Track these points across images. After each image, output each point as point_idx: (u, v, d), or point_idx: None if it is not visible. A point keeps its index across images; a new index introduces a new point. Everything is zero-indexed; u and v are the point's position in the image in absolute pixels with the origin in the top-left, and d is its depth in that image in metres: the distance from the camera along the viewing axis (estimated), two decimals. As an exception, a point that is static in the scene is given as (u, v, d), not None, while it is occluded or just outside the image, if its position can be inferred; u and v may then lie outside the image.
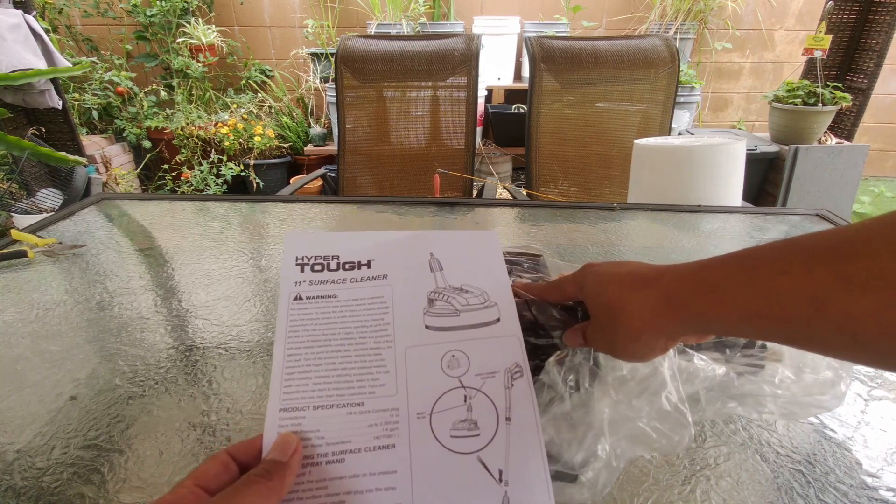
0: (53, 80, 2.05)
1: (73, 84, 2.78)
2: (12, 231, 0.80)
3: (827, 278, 0.22)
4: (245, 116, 2.92)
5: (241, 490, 0.26)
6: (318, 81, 2.97)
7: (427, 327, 0.35)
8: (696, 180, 1.01)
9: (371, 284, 0.37)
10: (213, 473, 0.27)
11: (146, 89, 2.89)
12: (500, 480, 0.29)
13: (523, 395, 0.32)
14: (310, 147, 2.98)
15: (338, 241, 0.39)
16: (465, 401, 0.32)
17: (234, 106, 2.98)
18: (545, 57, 1.51)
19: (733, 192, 1.03)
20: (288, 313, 0.35)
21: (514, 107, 2.91)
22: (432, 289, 0.37)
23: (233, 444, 0.29)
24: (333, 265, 0.38)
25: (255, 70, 3.10)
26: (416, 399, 0.32)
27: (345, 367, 0.33)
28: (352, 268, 0.38)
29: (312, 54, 2.94)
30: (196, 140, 2.83)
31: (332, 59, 1.64)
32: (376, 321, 0.35)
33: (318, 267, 0.38)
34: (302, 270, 0.37)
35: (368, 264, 0.38)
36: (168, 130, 2.82)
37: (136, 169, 2.94)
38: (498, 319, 0.35)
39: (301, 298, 0.36)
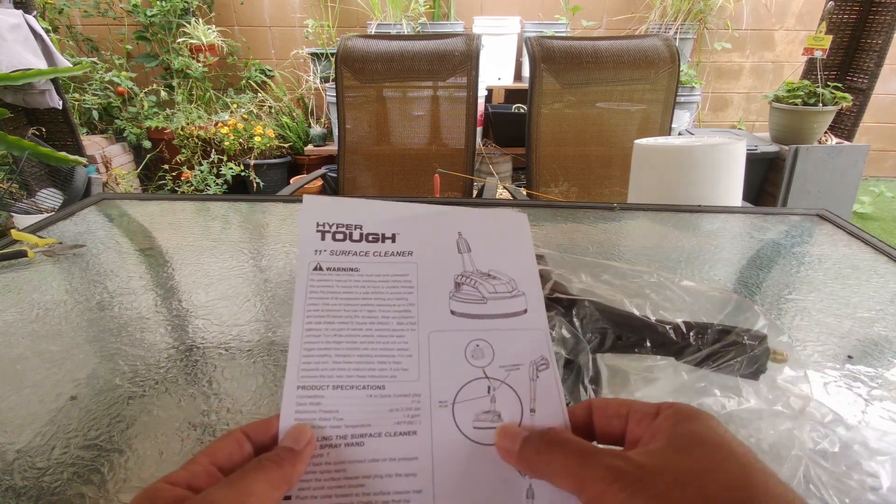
0: (53, 80, 2.05)
1: (73, 84, 2.79)
2: (12, 231, 0.80)
3: None
4: (245, 116, 2.92)
5: (252, 473, 0.25)
6: (318, 81, 2.97)
7: (453, 312, 0.33)
8: (696, 180, 1.01)
9: (396, 260, 0.35)
10: (227, 452, 0.26)
11: (146, 89, 2.89)
12: (524, 475, 0.28)
13: (549, 386, 0.31)
14: (310, 147, 2.98)
15: (362, 209, 0.36)
16: (489, 392, 0.31)
17: (235, 106, 2.98)
18: (545, 57, 1.51)
19: (733, 192, 1.03)
20: (307, 284, 0.33)
21: (514, 107, 2.91)
22: (459, 272, 0.35)
23: (248, 423, 0.29)
24: (356, 235, 0.35)
25: (256, 70, 3.10)
26: (438, 386, 0.31)
27: (366, 347, 0.31)
28: (375, 240, 0.35)
29: (312, 54, 2.94)
30: (196, 140, 2.83)
31: (332, 59, 1.64)
32: (400, 300, 0.33)
33: (339, 236, 0.35)
34: (323, 238, 0.35)
35: (393, 238, 0.36)
36: (168, 130, 2.82)
37: (137, 169, 2.94)
38: (525, 310, 0.34)
39: (321, 269, 0.34)
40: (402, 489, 0.28)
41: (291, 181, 2.89)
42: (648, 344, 0.39)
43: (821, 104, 2.22)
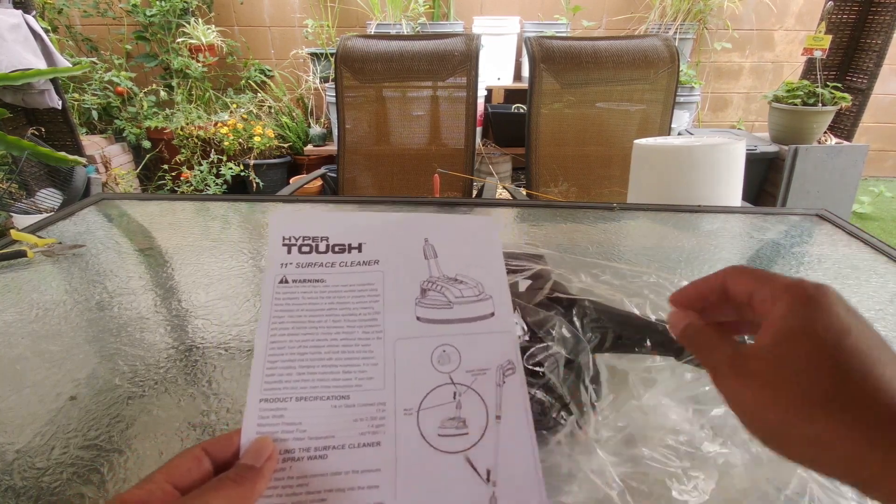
0: (53, 80, 2.05)
1: (72, 84, 2.78)
2: (12, 231, 0.80)
3: None
4: (245, 116, 2.92)
5: (209, 493, 0.25)
6: (317, 81, 2.97)
7: (418, 319, 0.33)
8: (696, 180, 1.01)
9: (361, 270, 0.35)
10: (185, 469, 0.26)
11: (146, 89, 2.89)
12: (488, 480, 0.28)
13: (515, 392, 0.31)
14: (309, 147, 2.98)
15: (328, 221, 0.37)
16: (455, 398, 0.31)
17: (234, 106, 2.98)
18: (545, 57, 1.51)
19: (733, 192, 1.03)
20: (273, 297, 0.33)
21: (513, 107, 2.91)
22: (425, 278, 0.35)
23: (208, 440, 0.28)
24: (322, 247, 0.36)
25: (255, 70, 3.10)
26: (403, 394, 0.31)
27: (331, 358, 0.31)
28: (342, 251, 0.36)
29: (312, 54, 2.94)
30: (196, 140, 2.83)
31: (332, 59, 1.64)
32: (366, 309, 0.33)
33: (306, 248, 0.35)
34: (289, 252, 0.35)
35: (360, 248, 0.36)
36: (168, 130, 2.82)
37: (136, 169, 2.94)
38: (492, 314, 0.34)
39: (287, 282, 0.34)
40: (364, 503, 0.28)
41: (291, 181, 2.89)
42: (648, 344, 0.39)
43: (820, 104, 2.22)
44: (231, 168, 2.81)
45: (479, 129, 2.61)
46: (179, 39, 2.87)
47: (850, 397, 0.21)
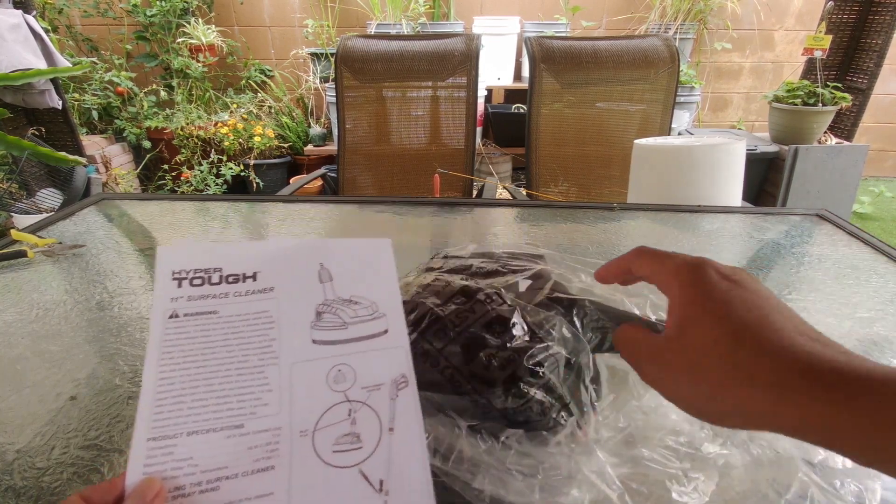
0: (53, 80, 2.05)
1: (73, 84, 2.79)
2: (12, 231, 0.80)
3: None
4: (245, 116, 2.92)
5: None
6: (317, 81, 2.97)
7: (314, 342, 0.34)
8: (696, 180, 1.01)
9: (256, 298, 0.35)
10: None
11: (146, 89, 2.89)
12: (381, 490, 0.29)
13: (407, 404, 0.32)
14: (310, 147, 2.98)
15: (220, 252, 0.37)
16: (350, 415, 0.31)
17: (234, 106, 2.98)
18: (545, 57, 1.51)
19: (733, 192, 1.03)
20: (162, 333, 0.32)
21: (513, 107, 2.91)
22: (321, 301, 0.35)
23: (88, 487, 0.27)
24: (215, 278, 0.35)
25: (255, 70, 3.10)
26: (299, 417, 0.31)
27: (224, 388, 0.31)
28: (235, 281, 0.35)
29: (312, 54, 2.94)
30: (196, 140, 2.83)
31: (332, 59, 1.64)
32: (261, 337, 0.33)
33: (197, 281, 0.35)
34: (179, 286, 0.35)
35: (254, 276, 0.36)
36: (168, 130, 2.82)
37: (136, 169, 2.94)
38: (386, 331, 0.35)
39: (178, 316, 0.33)
40: None
41: (291, 181, 2.89)
42: None
43: (820, 104, 2.22)
44: (231, 168, 2.81)
45: (479, 129, 2.61)
46: (179, 39, 2.87)
47: (750, 366, 0.24)
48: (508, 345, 0.35)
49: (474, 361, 0.34)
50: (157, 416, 0.30)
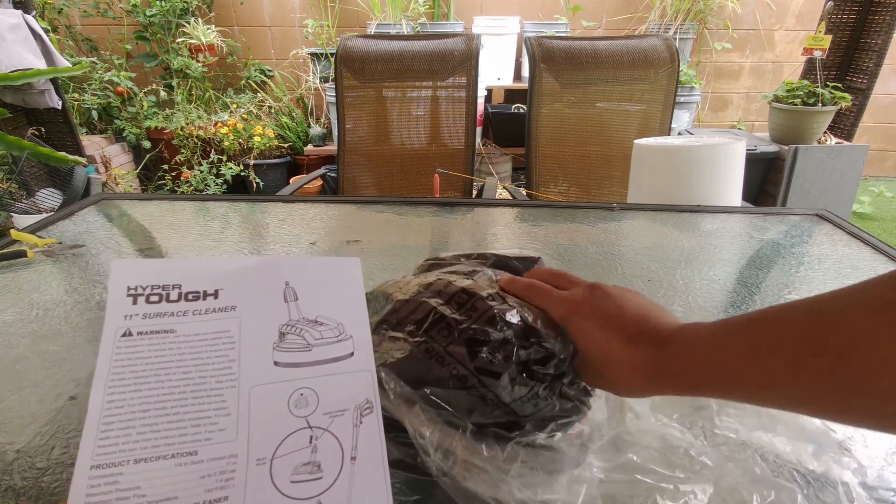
0: (53, 80, 2.05)
1: (72, 84, 2.78)
2: (12, 231, 0.80)
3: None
4: (245, 116, 2.92)
5: None
6: (317, 81, 2.97)
7: (276, 364, 0.32)
8: (696, 180, 1.01)
9: (217, 317, 0.33)
10: None
11: (146, 89, 2.89)
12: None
13: (371, 432, 0.31)
14: (310, 147, 2.98)
15: (180, 268, 0.35)
16: (311, 442, 0.30)
17: (234, 106, 2.98)
18: (545, 57, 1.51)
19: (733, 192, 1.03)
20: (113, 352, 0.30)
21: (513, 107, 2.91)
22: (285, 321, 0.34)
23: None
24: (174, 296, 0.33)
25: (255, 70, 3.10)
26: (257, 443, 0.29)
27: (178, 412, 0.29)
28: (196, 298, 0.33)
29: (312, 54, 2.94)
30: (196, 140, 2.83)
31: (332, 59, 1.64)
32: (220, 357, 0.32)
33: (154, 298, 0.33)
34: (134, 302, 0.33)
35: (216, 294, 0.34)
36: (168, 130, 2.82)
37: (136, 169, 2.94)
38: (352, 353, 0.34)
39: (131, 335, 0.31)
40: None
41: (291, 181, 2.89)
42: None
43: (820, 104, 2.22)
44: (231, 168, 2.81)
45: (479, 129, 2.61)
46: (179, 39, 2.87)
47: (613, 336, 0.33)
48: (512, 339, 0.35)
49: (479, 357, 0.34)
50: (103, 443, 0.28)
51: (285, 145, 3.01)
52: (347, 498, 0.29)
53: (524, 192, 1.62)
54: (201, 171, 2.83)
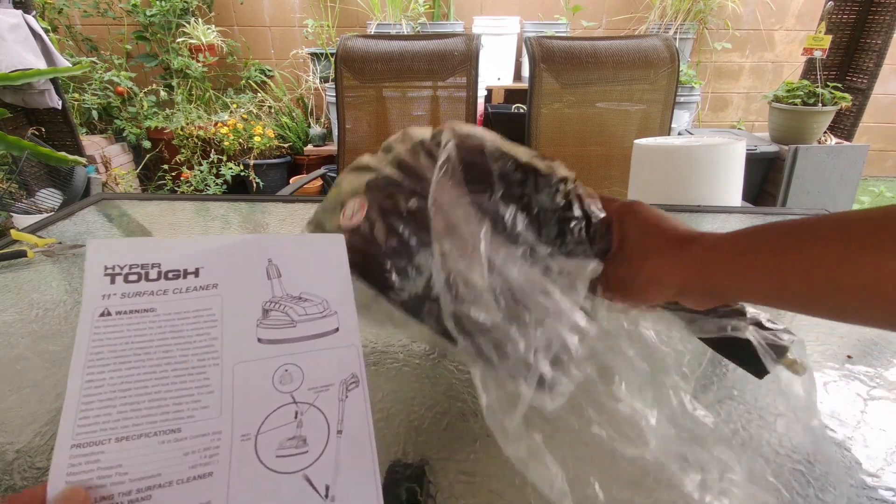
0: (53, 80, 2.05)
1: (72, 84, 2.78)
2: (12, 231, 0.80)
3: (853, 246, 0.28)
4: (245, 116, 2.92)
5: None
6: (318, 81, 2.97)
7: (260, 340, 0.32)
8: (696, 180, 1.01)
9: (198, 295, 0.33)
10: None
11: (146, 89, 2.89)
12: (326, 496, 0.28)
13: (357, 405, 0.31)
14: (310, 147, 2.98)
15: (159, 246, 0.34)
16: (296, 417, 0.30)
17: (234, 106, 2.98)
18: (545, 57, 1.51)
19: (733, 192, 1.03)
20: (91, 332, 0.30)
21: (513, 107, 2.91)
22: (268, 298, 0.34)
23: (8, 497, 0.26)
24: (153, 275, 0.33)
25: (255, 70, 3.10)
26: (241, 419, 0.29)
27: (159, 390, 0.29)
28: (176, 277, 0.33)
29: (312, 54, 2.94)
30: (196, 140, 2.83)
31: (332, 59, 1.64)
32: (202, 336, 0.31)
33: (133, 277, 0.32)
34: (112, 282, 0.32)
35: (196, 272, 0.33)
36: (168, 130, 2.82)
37: (136, 169, 2.94)
38: (337, 329, 0.33)
39: (109, 314, 0.31)
40: None
41: (291, 181, 2.89)
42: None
43: (820, 104, 2.22)
44: (231, 168, 2.81)
45: (479, 129, 2.61)
46: (179, 39, 2.87)
47: (654, 244, 0.36)
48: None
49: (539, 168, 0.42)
50: (83, 421, 0.28)
51: (285, 145, 3.01)
52: (333, 471, 0.29)
53: (524, 192, 1.62)
54: (201, 171, 2.83)
